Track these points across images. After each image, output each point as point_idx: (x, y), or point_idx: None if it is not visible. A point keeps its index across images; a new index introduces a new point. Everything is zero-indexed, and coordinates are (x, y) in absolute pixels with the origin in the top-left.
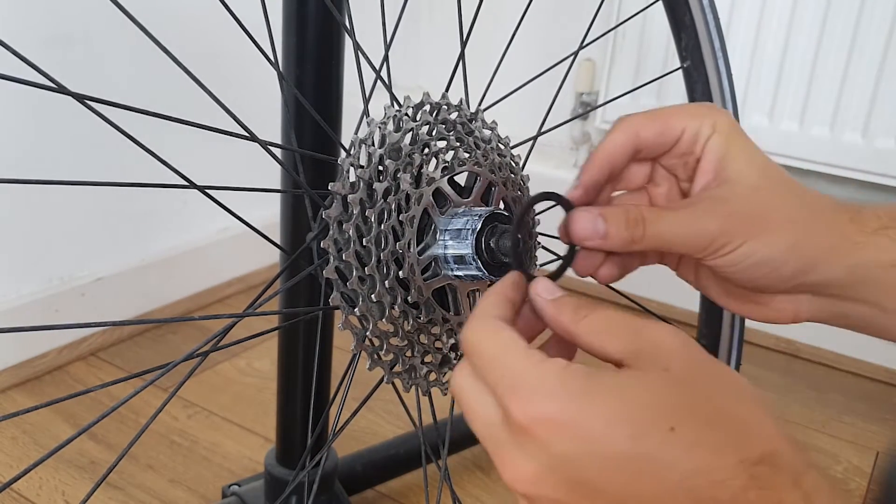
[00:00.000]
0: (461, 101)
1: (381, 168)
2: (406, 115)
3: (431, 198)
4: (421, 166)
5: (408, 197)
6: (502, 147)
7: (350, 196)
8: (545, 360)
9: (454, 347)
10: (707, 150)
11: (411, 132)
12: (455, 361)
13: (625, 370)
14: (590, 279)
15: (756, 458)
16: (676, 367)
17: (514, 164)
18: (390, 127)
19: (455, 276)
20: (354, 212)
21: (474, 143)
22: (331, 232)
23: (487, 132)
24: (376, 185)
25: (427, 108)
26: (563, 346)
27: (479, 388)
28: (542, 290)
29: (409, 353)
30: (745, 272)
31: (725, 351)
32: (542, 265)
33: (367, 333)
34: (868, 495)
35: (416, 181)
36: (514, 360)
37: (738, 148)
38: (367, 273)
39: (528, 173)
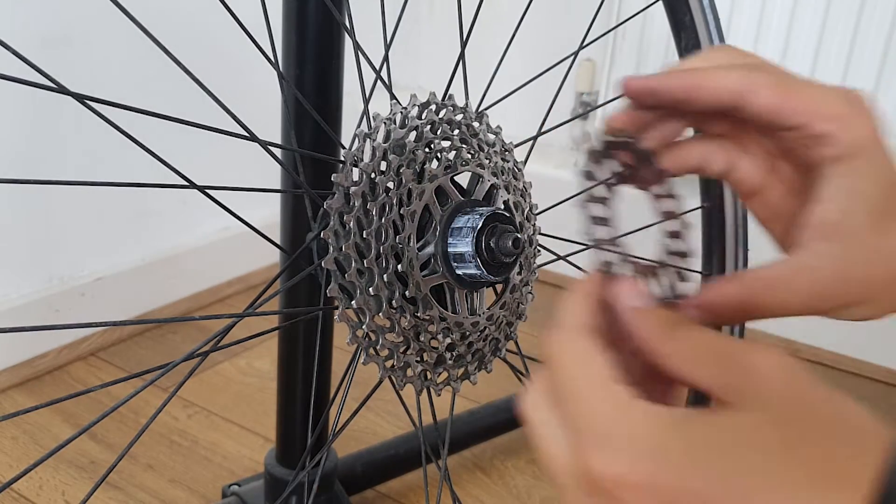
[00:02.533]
0: (467, 103)
1: (384, 163)
2: (411, 113)
3: (433, 194)
4: (424, 163)
5: (409, 192)
6: (506, 152)
7: (353, 188)
8: (634, 404)
9: (450, 347)
10: (833, 176)
11: (416, 130)
12: (450, 362)
13: (717, 415)
14: (578, 275)
15: None
16: (776, 405)
17: (517, 170)
18: (395, 123)
19: (455, 274)
20: (356, 204)
21: (478, 145)
22: (332, 223)
23: (492, 136)
24: (378, 178)
25: (433, 107)
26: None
27: (555, 416)
28: (629, 295)
29: (405, 350)
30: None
31: None
32: (540, 265)
33: (364, 327)
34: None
35: (419, 178)
36: (602, 401)
37: (873, 180)
38: (365, 266)
39: (529, 173)
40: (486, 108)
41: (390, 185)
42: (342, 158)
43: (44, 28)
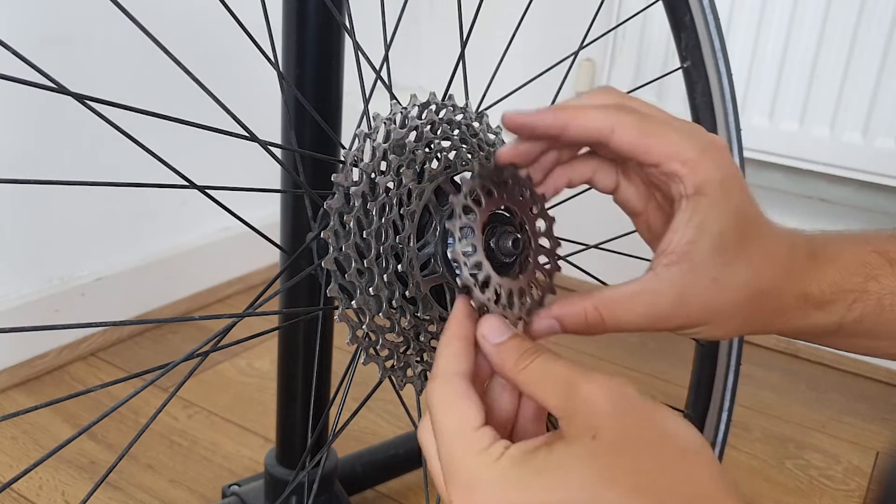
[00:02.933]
0: (467, 103)
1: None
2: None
3: (433, 195)
4: (424, 163)
5: (409, 192)
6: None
7: (353, 189)
8: (485, 450)
9: None
10: (683, 211)
11: (416, 130)
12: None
13: (554, 446)
14: (582, 277)
15: None
16: (605, 433)
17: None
18: (395, 123)
19: (455, 274)
20: (356, 204)
21: (478, 144)
22: (332, 223)
23: (493, 136)
24: (379, 179)
25: (433, 107)
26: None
27: (435, 451)
28: (488, 332)
29: (405, 350)
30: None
31: (725, 351)
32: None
33: (363, 327)
34: (868, 495)
35: (419, 178)
36: (462, 449)
37: (716, 218)
38: (365, 266)
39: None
40: (486, 108)
41: (390, 185)
42: (342, 158)
43: (44, 28)
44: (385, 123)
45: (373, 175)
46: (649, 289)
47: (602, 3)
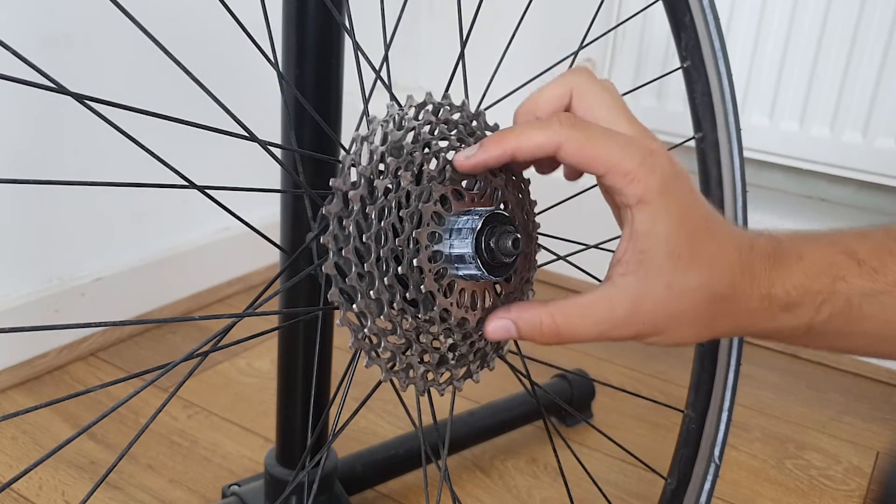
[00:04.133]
0: (463, 102)
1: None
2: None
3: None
4: (422, 165)
5: (408, 194)
6: None
7: (351, 192)
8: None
9: (452, 347)
10: (628, 221)
11: (413, 131)
12: (452, 362)
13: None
14: (582, 277)
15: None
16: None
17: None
18: (392, 125)
19: (458, 275)
20: (355, 208)
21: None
22: (331, 228)
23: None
24: (377, 182)
25: (430, 107)
26: None
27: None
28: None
29: (405, 351)
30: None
31: (725, 351)
32: (541, 265)
33: (365, 330)
34: (868, 495)
35: (417, 180)
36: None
37: (661, 225)
38: (366, 270)
39: (529, 173)
40: (486, 108)
41: (389, 186)
42: (341, 159)
43: (44, 28)
44: (382, 126)
45: (371, 177)
46: (605, 296)
47: (602, 3)
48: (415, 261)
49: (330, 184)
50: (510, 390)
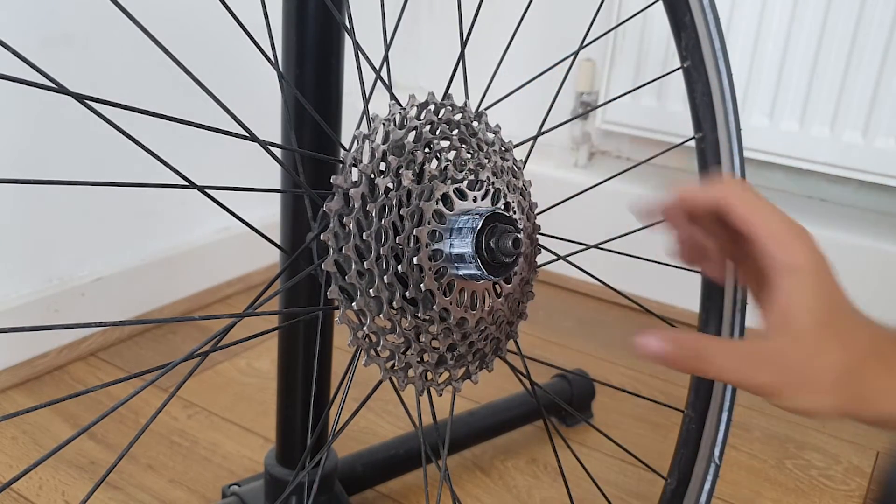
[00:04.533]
0: (466, 102)
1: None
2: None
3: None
4: (423, 164)
5: (409, 193)
6: (505, 150)
7: (352, 190)
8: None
9: (451, 348)
10: (779, 287)
11: (415, 130)
12: (451, 362)
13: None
14: (582, 277)
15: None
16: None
17: (516, 169)
18: (394, 124)
19: (457, 275)
20: (356, 206)
21: (477, 144)
22: (331, 225)
23: (491, 135)
24: (378, 180)
25: (431, 107)
26: None
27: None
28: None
29: (405, 351)
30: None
31: None
32: (541, 265)
33: (364, 328)
34: (868, 495)
35: (419, 178)
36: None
37: (813, 294)
38: (366, 267)
39: (529, 173)
40: (486, 108)
41: (390, 185)
42: (342, 159)
43: (44, 28)
44: (384, 124)
45: (372, 176)
46: (755, 343)
47: (602, 3)
48: (415, 259)
49: (331, 181)
50: (510, 390)
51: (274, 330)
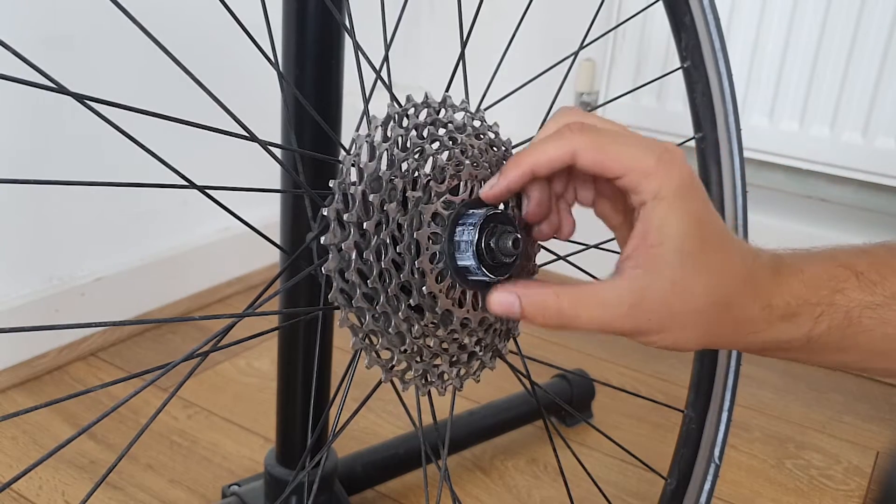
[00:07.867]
0: (426, 95)
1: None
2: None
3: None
4: (405, 190)
5: (399, 226)
6: (478, 125)
7: (344, 244)
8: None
9: (478, 342)
10: (642, 216)
11: (385, 154)
12: (481, 353)
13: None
14: (582, 277)
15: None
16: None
17: (494, 135)
18: (364, 157)
19: (465, 279)
20: (352, 258)
21: (450, 138)
22: (335, 285)
23: (458, 115)
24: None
25: (391, 123)
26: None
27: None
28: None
29: (417, 359)
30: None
31: (725, 352)
32: (541, 265)
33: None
34: (868, 495)
35: (404, 206)
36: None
37: (675, 222)
38: (380, 311)
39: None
40: (486, 108)
41: (380, 222)
42: (341, 160)
43: (44, 28)
44: (353, 164)
45: (359, 221)
46: (611, 286)
47: (602, 3)
48: (424, 288)
49: (329, 185)
50: (510, 390)
51: (274, 330)
